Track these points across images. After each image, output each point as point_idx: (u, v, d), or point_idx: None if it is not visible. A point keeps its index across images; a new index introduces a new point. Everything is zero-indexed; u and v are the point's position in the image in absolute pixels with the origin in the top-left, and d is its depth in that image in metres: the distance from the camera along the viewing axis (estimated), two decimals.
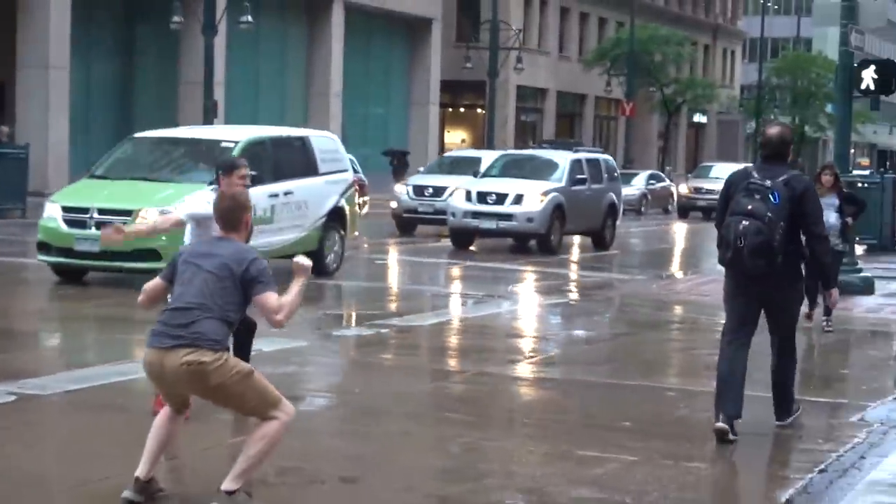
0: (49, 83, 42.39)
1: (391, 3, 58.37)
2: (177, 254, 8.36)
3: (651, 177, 59.49)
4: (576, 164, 31.48)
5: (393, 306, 19.69)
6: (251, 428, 8.04)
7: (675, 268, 29.13)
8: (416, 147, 59.89)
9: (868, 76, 22.66)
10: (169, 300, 8.19)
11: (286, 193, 20.66)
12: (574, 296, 21.89)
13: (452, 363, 14.54)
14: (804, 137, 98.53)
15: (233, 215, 8.30)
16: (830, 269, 11.12)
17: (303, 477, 8.97)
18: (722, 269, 10.83)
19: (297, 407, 8.35)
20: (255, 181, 15.15)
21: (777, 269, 10.31)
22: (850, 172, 28.03)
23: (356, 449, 9.99)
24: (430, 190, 34.54)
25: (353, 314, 18.99)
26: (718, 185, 49.08)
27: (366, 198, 32.32)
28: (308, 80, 55.32)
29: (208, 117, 39.50)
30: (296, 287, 8.09)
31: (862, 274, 22.46)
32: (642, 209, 55.35)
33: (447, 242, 30.54)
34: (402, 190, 35.60)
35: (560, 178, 30.77)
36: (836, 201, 17.36)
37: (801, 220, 10.40)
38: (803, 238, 10.52)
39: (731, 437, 10.30)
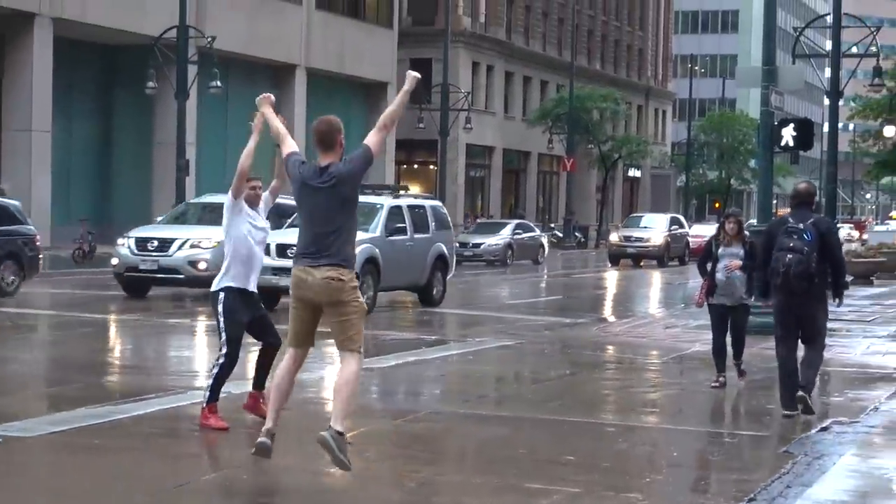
0: (32, 145, 42.32)
1: (350, 69, 58.50)
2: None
3: (518, 227, 54.02)
4: (394, 212, 26.90)
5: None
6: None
7: (610, 312, 29.13)
8: None
9: (787, 133, 22.81)
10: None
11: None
12: (520, 339, 21.83)
13: (407, 403, 14.43)
14: (730, 190, 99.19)
15: (330, 136, 9.49)
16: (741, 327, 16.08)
17: None
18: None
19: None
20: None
21: (811, 289, 13.03)
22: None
23: (320, 485, 9.88)
24: (155, 243, 27.28)
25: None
26: (647, 234, 49.10)
27: None
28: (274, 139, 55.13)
29: (180, 175, 39.44)
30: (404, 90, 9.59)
31: None
32: (508, 261, 50.57)
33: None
34: (123, 243, 27.73)
35: (374, 228, 25.94)
36: (741, 251, 15.44)
37: (828, 250, 13.05)
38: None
39: (803, 408, 13.25)
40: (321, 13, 56.84)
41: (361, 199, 10.62)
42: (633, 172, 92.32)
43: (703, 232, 60.82)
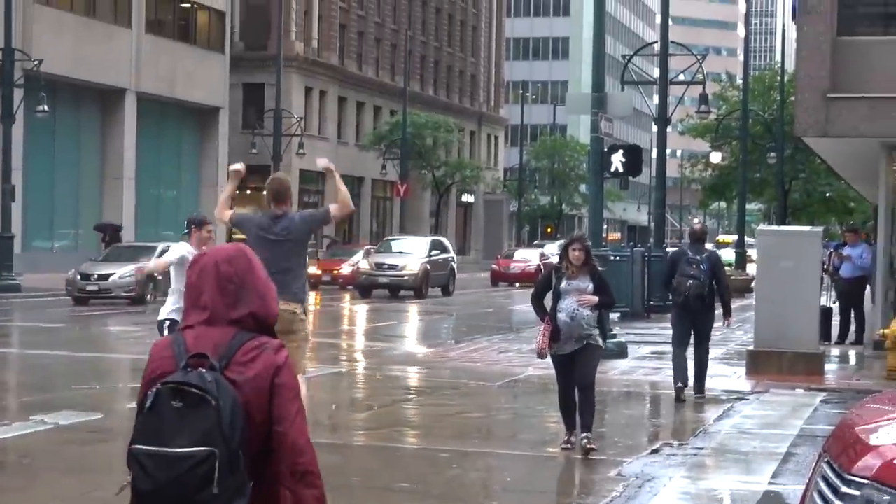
0: None
1: (181, 93, 57.91)
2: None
3: None
4: None
5: None
6: None
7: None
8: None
9: (617, 159, 23.08)
10: None
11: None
12: (345, 365, 21.75)
13: None
14: (562, 214, 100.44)
15: (283, 193, 11.56)
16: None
17: None
18: None
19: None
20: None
21: (705, 307, 16.71)
22: (604, 246, 28.53)
23: None
24: None
25: None
26: (403, 261, 47.45)
27: None
28: (103, 164, 54.43)
29: (6, 200, 38.59)
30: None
31: (616, 339, 22.75)
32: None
33: None
34: None
35: None
36: (590, 285, 12.63)
37: (718, 278, 16.75)
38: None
39: (684, 396, 16.66)
40: (151, 37, 56.21)
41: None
42: (467, 197, 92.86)
43: (527, 257, 60.89)
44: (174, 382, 4.10)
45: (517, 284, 54.61)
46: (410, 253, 46.52)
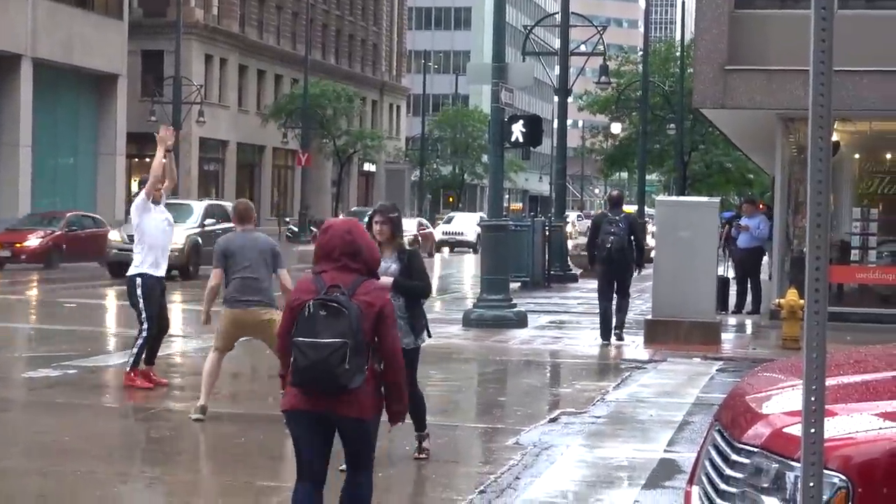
0: None
1: (78, 59, 57.06)
2: (218, 247, 12.65)
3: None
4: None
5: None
6: None
7: None
8: (106, 194, 58.63)
9: (517, 130, 23.13)
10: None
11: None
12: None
13: (138, 402, 14.13)
14: (464, 184, 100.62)
15: (248, 213, 12.81)
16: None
17: None
18: None
19: None
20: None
21: (625, 259, 19.57)
22: (506, 216, 28.62)
23: (41, 488, 9.62)
24: None
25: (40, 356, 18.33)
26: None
27: None
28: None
29: None
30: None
31: (516, 309, 22.90)
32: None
33: None
34: None
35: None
36: (393, 266, 10.18)
37: (634, 234, 19.69)
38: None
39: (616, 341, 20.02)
40: (47, 3, 55.30)
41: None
42: (369, 167, 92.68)
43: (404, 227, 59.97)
44: (322, 299, 6.82)
45: None
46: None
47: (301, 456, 7.08)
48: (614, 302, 20.15)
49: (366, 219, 10.24)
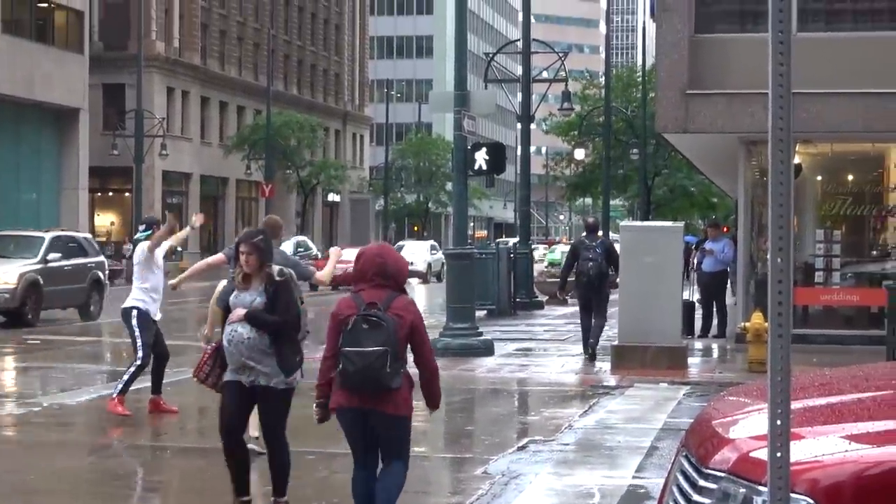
0: None
1: (40, 94, 56.87)
2: (223, 292, 11.02)
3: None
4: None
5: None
6: None
7: None
8: (69, 229, 58.30)
9: (481, 157, 23.14)
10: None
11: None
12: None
13: (106, 438, 14.02)
14: (428, 213, 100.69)
15: (275, 231, 12.67)
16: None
17: None
18: None
19: None
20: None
21: (603, 283, 21.02)
22: (470, 244, 28.61)
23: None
24: None
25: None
26: None
27: None
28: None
29: None
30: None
31: (482, 337, 22.84)
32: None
33: None
34: None
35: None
36: (258, 299, 9.31)
37: (611, 258, 20.89)
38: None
39: (590, 355, 21.25)
40: (7, 37, 55.14)
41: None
42: (333, 197, 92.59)
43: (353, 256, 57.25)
44: (364, 314, 8.17)
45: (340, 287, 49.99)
46: (11, 257, 29.44)
47: (354, 448, 8.52)
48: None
49: (232, 246, 10.23)
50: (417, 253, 62.31)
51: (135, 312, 14.88)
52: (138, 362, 14.80)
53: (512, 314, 32.64)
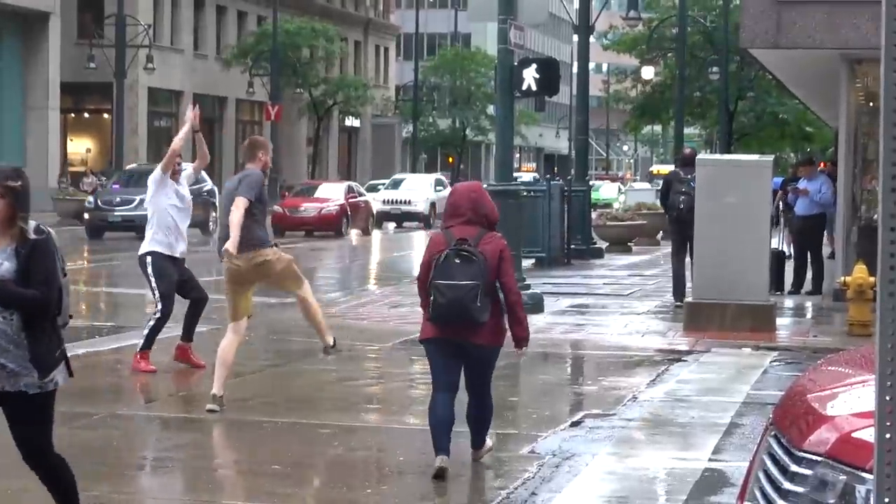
0: None
1: None
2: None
3: None
4: None
5: None
6: None
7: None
8: (36, 157, 58.50)
9: (529, 76, 23.02)
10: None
11: None
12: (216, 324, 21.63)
13: (81, 405, 14.13)
14: (466, 141, 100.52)
15: (249, 151, 13.67)
16: None
17: None
18: None
19: None
20: None
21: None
22: (516, 181, 28.59)
23: None
24: None
25: None
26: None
27: None
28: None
29: None
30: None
31: (530, 291, 22.80)
32: None
33: None
34: None
35: None
36: (6, 264, 7.62)
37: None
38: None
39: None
40: None
41: None
42: (351, 121, 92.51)
43: (328, 194, 51.08)
44: (456, 248, 10.10)
45: (315, 233, 48.69)
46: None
47: (438, 374, 10.51)
48: (687, 262, 22.69)
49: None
50: (417, 189, 60.78)
51: (149, 260, 15.43)
52: (158, 315, 15.46)
53: (565, 264, 32.65)
